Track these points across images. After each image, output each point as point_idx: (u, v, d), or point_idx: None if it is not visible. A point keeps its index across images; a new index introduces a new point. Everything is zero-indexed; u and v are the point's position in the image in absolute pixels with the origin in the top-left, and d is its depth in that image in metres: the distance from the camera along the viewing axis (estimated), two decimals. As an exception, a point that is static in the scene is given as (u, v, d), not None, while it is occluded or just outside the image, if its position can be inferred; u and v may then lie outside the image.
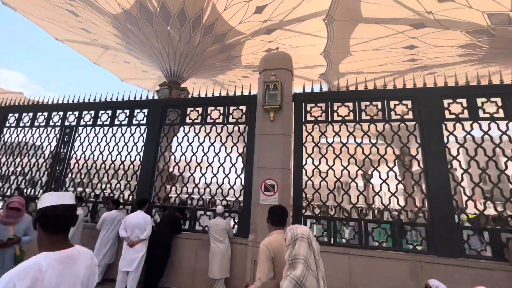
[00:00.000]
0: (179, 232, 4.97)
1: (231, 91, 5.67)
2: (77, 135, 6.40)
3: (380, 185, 4.49)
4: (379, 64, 18.01)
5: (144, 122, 6.05)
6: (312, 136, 5.01)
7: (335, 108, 5.05)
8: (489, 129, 4.38)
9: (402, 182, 4.48)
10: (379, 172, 4.60)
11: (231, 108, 5.60)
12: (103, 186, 5.99)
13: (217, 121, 5.61)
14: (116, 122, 6.24)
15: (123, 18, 14.91)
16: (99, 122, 6.34)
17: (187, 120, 5.80)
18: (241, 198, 5.14)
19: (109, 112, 6.33)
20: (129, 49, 17.55)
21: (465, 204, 4.18)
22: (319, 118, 5.08)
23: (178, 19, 14.64)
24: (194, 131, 5.64)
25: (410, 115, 4.72)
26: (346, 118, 4.95)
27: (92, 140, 6.24)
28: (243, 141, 5.34)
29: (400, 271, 3.99)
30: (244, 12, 14.69)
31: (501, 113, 4.38)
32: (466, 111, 4.51)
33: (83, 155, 6.19)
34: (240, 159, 5.34)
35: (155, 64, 17.75)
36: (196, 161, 5.44)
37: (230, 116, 5.56)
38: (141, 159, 5.77)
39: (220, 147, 5.44)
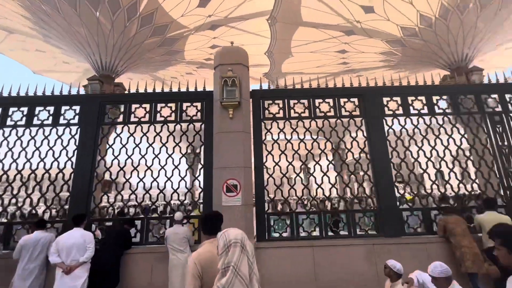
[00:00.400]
0: (129, 247, 4.32)
1: (174, 87, 5.18)
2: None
3: (335, 177, 4.79)
4: (316, 65, 19.45)
5: (75, 121, 5.05)
6: (271, 133, 5.00)
7: (291, 105, 5.15)
8: (418, 123, 5.12)
9: (354, 173, 4.86)
10: (334, 166, 4.90)
11: (185, 105, 5.15)
12: (20, 201, 4.77)
13: (168, 119, 5.08)
14: (36, 121, 5.04)
15: (34, -3, 12.32)
16: (9, 122, 5.02)
17: (132, 118, 5.09)
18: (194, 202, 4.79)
19: (25, 109, 5.06)
20: (45, 35, 14.69)
21: (404, 188, 4.80)
22: (276, 115, 5.10)
23: (109, 4, 12.91)
24: (142, 130, 4.99)
25: (357, 112, 5.15)
26: (302, 115, 5.10)
27: (0, 145, 4.90)
28: (199, 140, 4.97)
29: (357, 255, 4.33)
30: (187, 4, 13.91)
31: (425, 110, 5.17)
32: (400, 108, 5.17)
33: (-14, 165, 4.81)
34: (197, 159, 4.96)
35: (80, 55, 15.31)
36: (146, 164, 4.83)
37: (184, 114, 5.11)
38: (73, 166, 4.80)
39: (173, 148, 4.95)
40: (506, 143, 4.96)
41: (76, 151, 4.86)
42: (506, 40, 15.05)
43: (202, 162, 4.85)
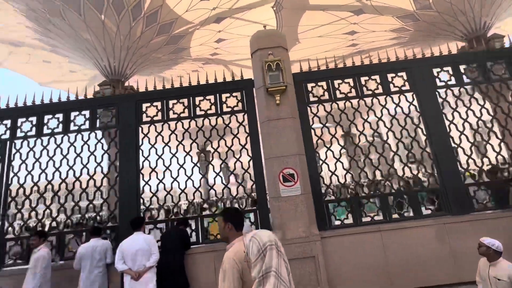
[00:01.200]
0: (188, 247, 4.15)
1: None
2: (14, 150, 4.77)
3: (392, 157, 4.52)
4: (324, 50, 18.92)
5: (113, 123, 4.86)
6: (319, 117, 4.73)
7: (336, 86, 4.86)
8: (474, 92, 4.79)
9: (411, 151, 4.58)
10: (389, 145, 4.62)
11: (224, 96, 4.90)
12: (68, 211, 4.62)
13: (209, 112, 4.85)
14: (73, 127, 4.86)
15: (39, 7, 12.07)
16: (46, 131, 4.84)
17: (171, 115, 4.87)
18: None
19: (60, 116, 4.88)
20: (52, 45, 14.48)
21: (466, 163, 4.49)
22: (321, 98, 4.83)
23: (113, 6, 12.60)
24: (183, 126, 4.77)
25: (407, 86, 4.84)
26: (349, 94, 4.82)
27: (40, 155, 4.74)
28: (244, 131, 4.73)
29: (428, 236, 4.09)
30: (191, -2, 13.52)
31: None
32: (453, 78, 4.83)
33: (29, 176, 4.67)
34: (244, 151, 4.72)
35: (88, 62, 15.10)
36: (192, 161, 4.62)
37: (224, 105, 4.87)
38: (118, 170, 4.63)
39: (218, 141, 4.72)
40: None
41: (118, 154, 4.68)
42: (525, 4, 14.35)
43: (250, 153, 4.62)
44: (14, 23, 13.25)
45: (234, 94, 4.91)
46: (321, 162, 4.53)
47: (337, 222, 4.36)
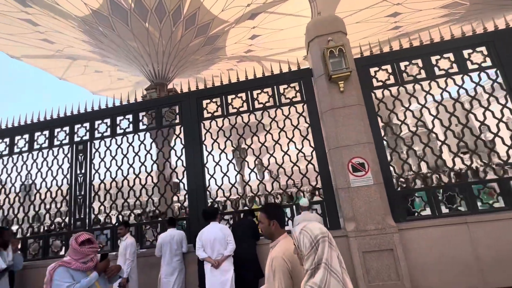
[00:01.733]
0: (258, 238, 4.22)
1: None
2: (94, 150, 5.29)
3: (475, 141, 4.06)
4: (363, 37, 17.91)
5: (177, 120, 5.11)
6: (385, 103, 4.45)
7: (402, 68, 4.51)
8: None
9: (498, 134, 4.07)
10: (470, 129, 4.16)
11: (281, 87, 4.86)
12: (143, 204, 5.00)
13: (267, 104, 4.85)
14: (142, 127, 5.23)
15: (92, 20, 13.24)
16: (119, 131, 5.28)
17: (231, 110, 4.97)
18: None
19: (130, 116, 5.28)
20: (103, 55, 15.82)
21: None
22: (386, 82, 4.52)
23: (156, 13, 13.29)
24: (243, 120, 4.84)
25: (488, 62, 4.30)
26: (418, 77, 4.44)
27: (116, 153, 5.19)
28: (304, 122, 4.64)
29: (528, 229, 3.61)
30: (227, -3, 13.70)
31: None
32: (547, 48, 4.18)
33: (108, 172, 5.13)
34: (306, 142, 4.64)
35: (134, 68, 16.21)
36: (254, 154, 4.67)
37: (282, 97, 4.83)
38: (184, 164, 4.87)
39: (279, 133, 4.70)
40: None
41: (184, 150, 4.91)
42: None
43: (312, 144, 4.52)
44: (72, 38, 14.71)
45: (292, 84, 4.83)
46: (391, 150, 4.25)
47: (414, 214, 4.06)
